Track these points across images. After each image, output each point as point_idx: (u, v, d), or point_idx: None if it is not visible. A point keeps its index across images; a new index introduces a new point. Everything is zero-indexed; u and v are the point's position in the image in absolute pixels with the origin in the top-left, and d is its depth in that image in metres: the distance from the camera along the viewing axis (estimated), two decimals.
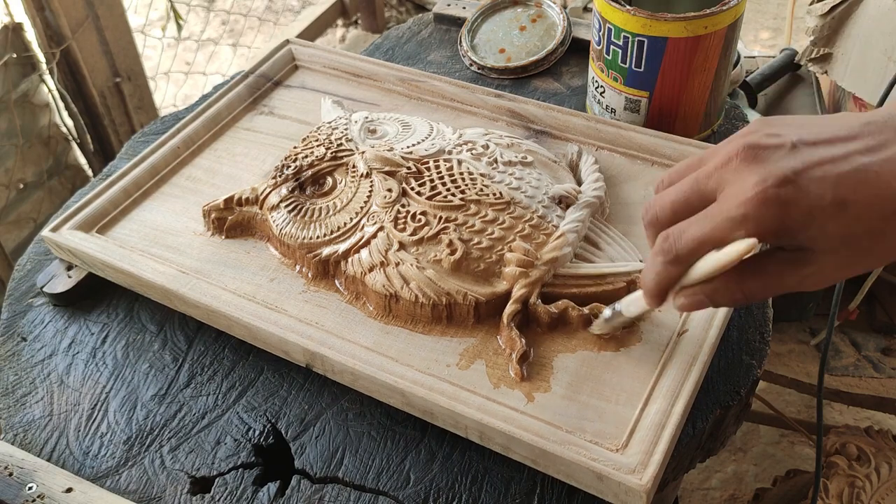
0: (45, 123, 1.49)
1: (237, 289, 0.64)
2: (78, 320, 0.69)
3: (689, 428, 0.58)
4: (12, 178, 1.43)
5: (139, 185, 0.74)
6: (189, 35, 2.17)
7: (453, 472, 0.57)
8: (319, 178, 0.70)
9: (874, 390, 1.02)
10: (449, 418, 0.56)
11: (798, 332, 1.09)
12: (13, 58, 1.37)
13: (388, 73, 0.84)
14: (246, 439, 0.60)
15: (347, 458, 0.58)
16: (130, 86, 1.59)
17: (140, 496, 0.57)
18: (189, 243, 0.69)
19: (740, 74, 1.08)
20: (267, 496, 0.57)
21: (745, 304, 0.49)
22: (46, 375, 0.65)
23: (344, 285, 0.64)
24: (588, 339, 0.60)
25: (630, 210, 0.69)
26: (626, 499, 0.51)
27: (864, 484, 0.97)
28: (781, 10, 2.30)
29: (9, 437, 0.62)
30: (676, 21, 0.71)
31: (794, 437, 1.34)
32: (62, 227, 0.70)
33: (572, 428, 0.54)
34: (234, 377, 0.64)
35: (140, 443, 0.60)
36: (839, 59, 0.99)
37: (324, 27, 2.22)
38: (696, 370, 0.55)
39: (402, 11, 2.41)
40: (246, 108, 0.83)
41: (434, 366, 0.58)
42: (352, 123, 0.75)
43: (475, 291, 0.61)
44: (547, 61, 0.92)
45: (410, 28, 1.01)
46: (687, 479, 1.30)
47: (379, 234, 0.64)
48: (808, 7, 1.00)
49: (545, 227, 0.65)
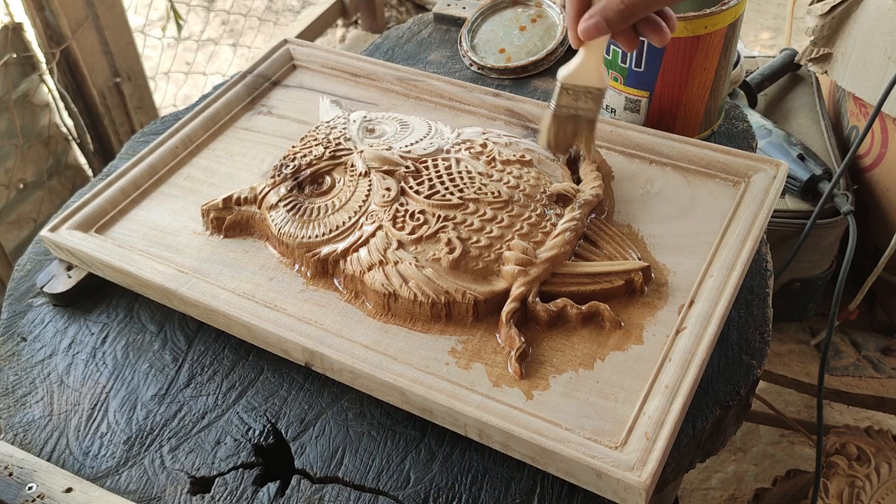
0: (45, 123, 1.48)
1: (236, 288, 0.64)
2: (78, 320, 0.69)
3: (689, 428, 0.58)
4: (12, 178, 1.43)
5: (138, 184, 0.74)
6: (189, 35, 2.17)
7: (453, 471, 0.57)
8: (318, 177, 0.70)
9: (874, 390, 1.02)
10: (448, 416, 0.56)
11: (798, 332, 1.09)
12: (13, 58, 1.37)
13: (386, 72, 0.84)
14: (246, 439, 0.60)
15: (347, 458, 0.58)
16: (130, 86, 1.59)
17: (140, 496, 0.57)
18: (188, 243, 0.69)
19: (740, 74, 1.09)
20: (267, 496, 0.57)
21: (629, 16, 0.60)
22: (46, 375, 0.65)
23: (343, 284, 0.64)
24: (587, 337, 0.60)
25: (628, 208, 0.69)
26: (626, 496, 0.51)
27: (864, 484, 0.96)
28: (781, 10, 2.30)
29: (9, 437, 0.62)
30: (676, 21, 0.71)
31: (794, 437, 1.34)
32: (61, 227, 0.70)
33: (571, 425, 0.54)
34: (234, 377, 0.64)
35: (140, 443, 0.60)
36: (839, 59, 0.99)
37: (324, 27, 2.22)
38: (694, 367, 0.55)
39: (402, 11, 2.41)
40: (244, 107, 0.83)
41: (433, 364, 0.58)
42: (350, 123, 0.75)
43: (474, 290, 0.61)
44: (547, 61, 0.92)
45: (410, 28, 1.02)
46: (687, 479, 1.30)
47: (378, 232, 0.64)
48: (808, 7, 1.00)
49: (544, 225, 0.65)
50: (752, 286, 0.68)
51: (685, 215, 0.68)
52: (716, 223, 0.66)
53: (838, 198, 0.95)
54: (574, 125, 0.67)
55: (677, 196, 0.70)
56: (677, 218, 0.68)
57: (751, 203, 0.67)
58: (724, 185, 0.70)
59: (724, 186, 0.70)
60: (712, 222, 0.67)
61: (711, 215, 0.67)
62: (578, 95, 0.64)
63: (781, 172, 0.69)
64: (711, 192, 0.70)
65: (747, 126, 0.84)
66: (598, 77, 0.65)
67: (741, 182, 0.70)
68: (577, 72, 0.64)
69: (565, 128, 0.67)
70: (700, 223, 0.67)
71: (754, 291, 0.67)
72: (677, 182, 0.71)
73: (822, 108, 1.13)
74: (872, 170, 1.03)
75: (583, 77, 0.64)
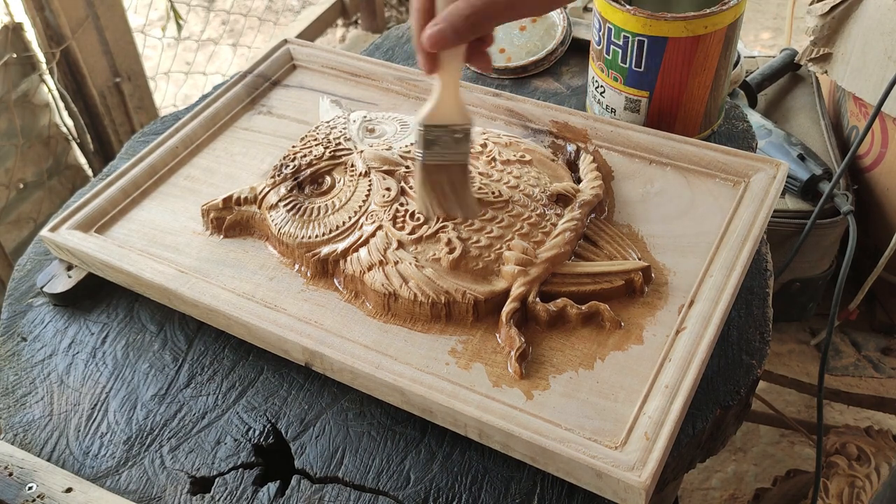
0: (45, 123, 1.48)
1: (236, 288, 0.64)
2: (78, 320, 0.69)
3: (690, 428, 0.58)
4: (12, 178, 1.43)
5: (138, 184, 0.74)
6: (189, 35, 2.17)
7: (453, 471, 0.57)
8: (318, 177, 0.70)
9: (874, 390, 1.02)
10: (448, 416, 0.56)
11: (798, 332, 1.09)
12: (13, 58, 1.37)
13: (385, 72, 0.84)
14: (246, 439, 0.60)
15: (347, 458, 0.58)
16: (130, 86, 1.59)
17: (140, 496, 0.57)
18: (188, 243, 0.69)
19: (740, 74, 1.09)
20: (267, 496, 0.57)
21: (476, 23, 0.53)
22: (46, 375, 0.65)
23: (343, 284, 0.64)
24: (587, 337, 0.60)
25: (628, 208, 0.69)
26: (626, 496, 0.51)
27: (864, 484, 0.97)
28: (781, 10, 2.30)
29: (9, 437, 0.62)
30: (676, 21, 0.71)
31: (794, 437, 1.34)
32: (61, 227, 0.70)
33: (571, 425, 0.54)
34: (234, 377, 0.64)
35: (140, 443, 0.60)
36: (839, 59, 0.99)
37: (324, 27, 2.22)
38: (694, 367, 0.55)
39: (402, 11, 2.41)
40: (244, 107, 0.83)
41: (433, 364, 0.58)
42: (350, 123, 0.75)
43: (474, 290, 0.61)
44: (547, 61, 0.92)
45: (410, 28, 1.01)
46: (687, 479, 1.30)
47: (378, 232, 0.64)
48: (808, 7, 1.00)
49: (544, 225, 0.65)
50: (752, 286, 0.68)
51: (685, 215, 0.68)
52: (716, 223, 0.66)
53: (838, 198, 0.95)
54: (447, 175, 0.59)
55: (677, 196, 0.70)
56: (677, 218, 0.68)
57: (751, 203, 0.67)
58: (724, 185, 0.70)
59: (724, 186, 0.70)
60: (712, 222, 0.67)
61: (711, 215, 0.67)
62: (441, 138, 0.57)
63: (781, 172, 0.69)
64: (711, 192, 0.70)
65: (747, 126, 0.84)
66: (460, 112, 0.57)
67: (741, 182, 0.70)
68: (435, 109, 0.57)
69: (437, 180, 0.59)
70: (700, 223, 0.67)
71: (754, 291, 0.67)
72: (677, 182, 0.71)
73: (822, 108, 1.13)
74: (872, 170, 1.03)
75: (442, 114, 0.57)
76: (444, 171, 0.59)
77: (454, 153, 0.58)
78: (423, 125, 0.57)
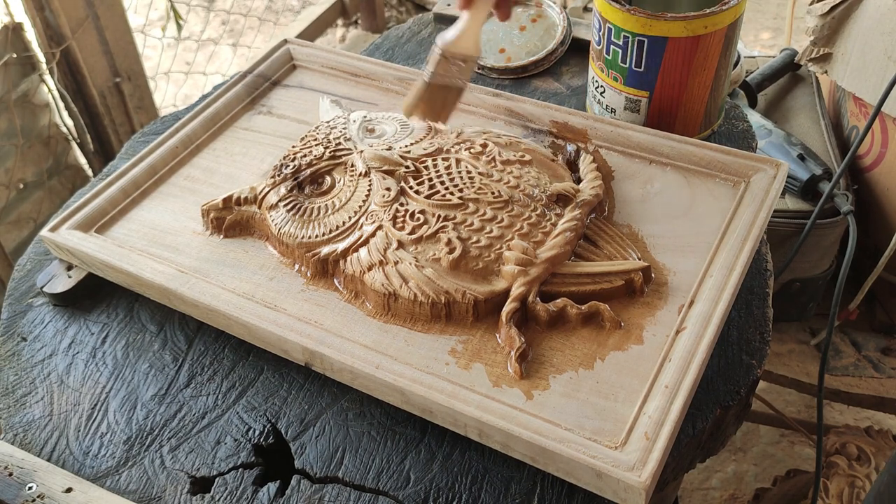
0: (45, 123, 1.48)
1: (236, 288, 0.64)
2: (78, 320, 0.69)
3: (690, 428, 0.58)
4: (12, 178, 1.43)
5: (138, 184, 0.74)
6: (189, 35, 2.17)
7: (453, 471, 0.57)
8: (318, 177, 0.70)
9: (874, 390, 1.02)
10: (448, 416, 0.56)
11: (798, 332, 1.09)
12: (13, 58, 1.37)
13: (385, 72, 0.84)
14: (246, 439, 0.60)
15: (347, 458, 0.58)
16: (130, 86, 1.59)
17: (140, 496, 0.57)
18: (188, 242, 0.69)
19: (740, 74, 1.09)
20: (267, 496, 0.57)
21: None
22: (46, 375, 0.65)
23: (343, 284, 0.64)
24: (587, 337, 0.60)
25: (628, 208, 0.69)
26: (626, 496, 0.51)
27: (864, 484, 0.96)
28: (781, 10, 2.30)
29: (9, 437, 0.62)
30: (676, 21, 0.71)
31: (794, 437, 1.34)
32: (61, 227, 0.70)
33: (571, 425, 0.54)
34: (234, 377, 0.64)
35: (140, 443, 0.60)
36: (839, 59, 0.99)
37: (324, 27, 2.22)
38: (694, 367, 0.55)
39: (402, 11, 2.41)
40: (244, 107, 0.83)
41: (433, 364, 0.58)
42: (350, 123, 0.75)
43: (474, 290, 0.61)
44: (547, 61, 0.92)
45: (410, 28, 1.02)
46: (687, 479, 1.30)
47: (378, 232, 0.64)
48: (808, 7, 1.00)
49: (543, 225, 0.65)
50: (752, 286, 0.68)
51: (685, 215, 0.68)
52: (716, 223, 0.66)
53: (838, 198, 0.95)
54: (444, 94, 0.67)
55: (677, 196, 0.70)
56: (677, 218, 0.68)
57: (751, 203, 0.67)
58: (724, 185, 0.70)
59: (724, 186, 0.70)
60: (712, 222, 0.67)
61: (711, 215, 0.67)
62: (455, 63, 0.66)
63: (781, 172, 0.69)
64: (711, 192, 0.70)
65: (747, 126, 0.84)
66: (476, 46, 0.67)
67: (741, 182, 0.70)
68: (458, 40, 0.66)
69: (437, 97, 0.67)
70: (700, 223, 0.67)
71: (754, 291, 0.67)
72: (677, 182, 0.71)
73: (822, 108, 1.13)
74: (872, 170, 1.03)
75: (463, 45, 0.66)
76: (444, 91, 0.66)
77: (458, 78, 0.66)
78: (443, 51, 0.65)
